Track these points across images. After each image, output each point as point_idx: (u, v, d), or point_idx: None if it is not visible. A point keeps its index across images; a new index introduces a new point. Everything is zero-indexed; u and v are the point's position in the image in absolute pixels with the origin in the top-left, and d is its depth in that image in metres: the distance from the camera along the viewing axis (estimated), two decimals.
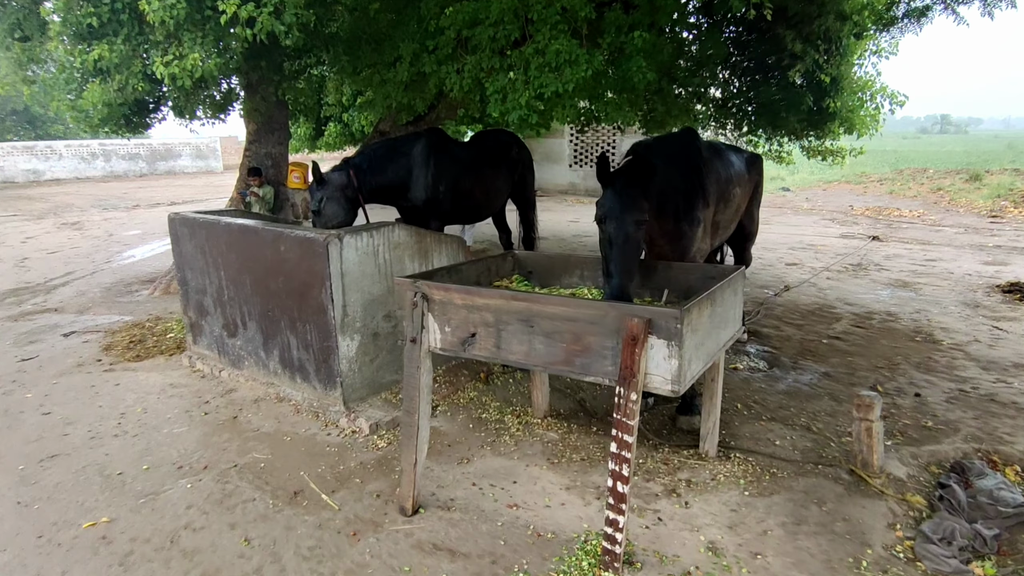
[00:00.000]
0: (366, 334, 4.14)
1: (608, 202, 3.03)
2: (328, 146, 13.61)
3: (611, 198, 3.02)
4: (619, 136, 16.17)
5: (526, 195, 6.91)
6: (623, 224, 2.99)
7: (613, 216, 3.00)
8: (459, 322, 2.78)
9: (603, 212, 3.05)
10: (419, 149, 5.58)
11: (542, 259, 3.75)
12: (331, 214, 5.10)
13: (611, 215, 3.00)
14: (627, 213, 2.99)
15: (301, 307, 4.09)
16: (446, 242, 4.67)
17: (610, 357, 2.40)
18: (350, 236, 3.93)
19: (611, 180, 3.06)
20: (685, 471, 3.34)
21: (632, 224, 3.00)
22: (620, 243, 2.97)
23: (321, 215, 5.08)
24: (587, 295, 3.43)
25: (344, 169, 5.19)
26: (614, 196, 3.01)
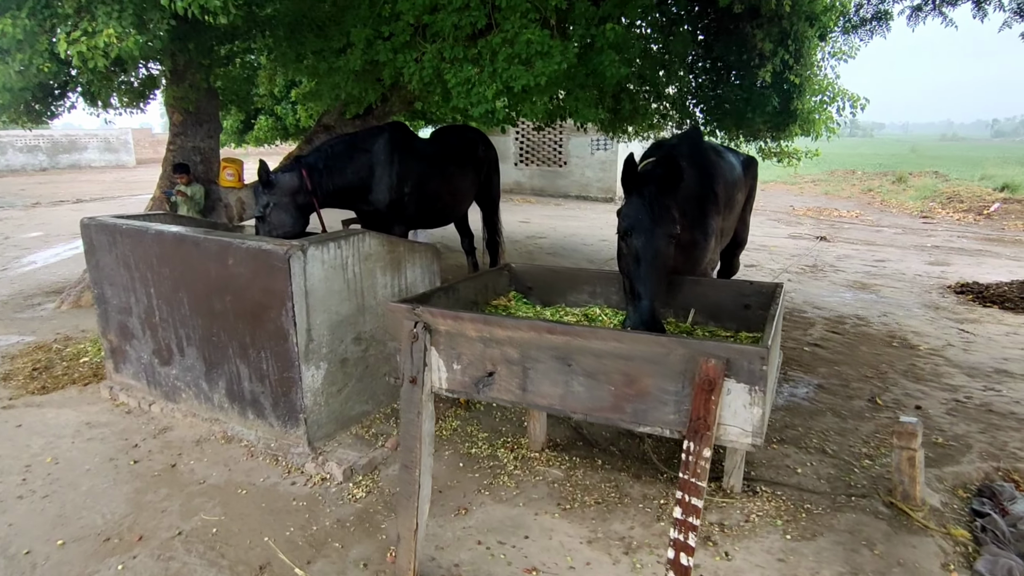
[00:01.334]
0: (333, 361, 3.55)
1: (635, 212, 2.61)
2: (258, 140, 12.59)
3: (639, 207, 2.61)
4: (566, 135, 15.91)
5: (492, 196, 6.44)
6: (653, 238, 2.58)
7: (642, 229, 2.58)
8: (473, 358, 2.28)
9: (629, 223, 2.63)
10: (381, 146, 5.00)
11: (543, 273, 3.29)
12: (279, 222, 4.45)
13: (640, 227, 2.59)
14: (659, 225, 2.59)
15: (255, 331, 3.45)
16: (420, 251, 4.12)
17: (672, 404, 1.98)
18: (315, 248, 3.33)
19: (638, 186, 2.65)
20: (714, 512, 2.98)
21: (664, 238, 2.60)
22: (649, 260, 2.56)
23: (267, 223, 4.41)
24: (601, 316, 3.00)
25: (295, 169, 4.55)
26: (643, 205, 2.60)
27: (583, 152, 15.72)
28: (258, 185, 4.42)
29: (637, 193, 2.63)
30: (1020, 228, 11.89)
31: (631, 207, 2.64)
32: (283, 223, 4.45)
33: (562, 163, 16.28)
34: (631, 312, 2.58)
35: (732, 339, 2.76)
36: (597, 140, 15.31)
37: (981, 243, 10.68)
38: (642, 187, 2.63)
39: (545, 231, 11.60)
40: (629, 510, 3.00)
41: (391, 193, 5.04)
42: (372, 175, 4.96)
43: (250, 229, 4.69)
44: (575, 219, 13.19)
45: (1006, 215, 12.50)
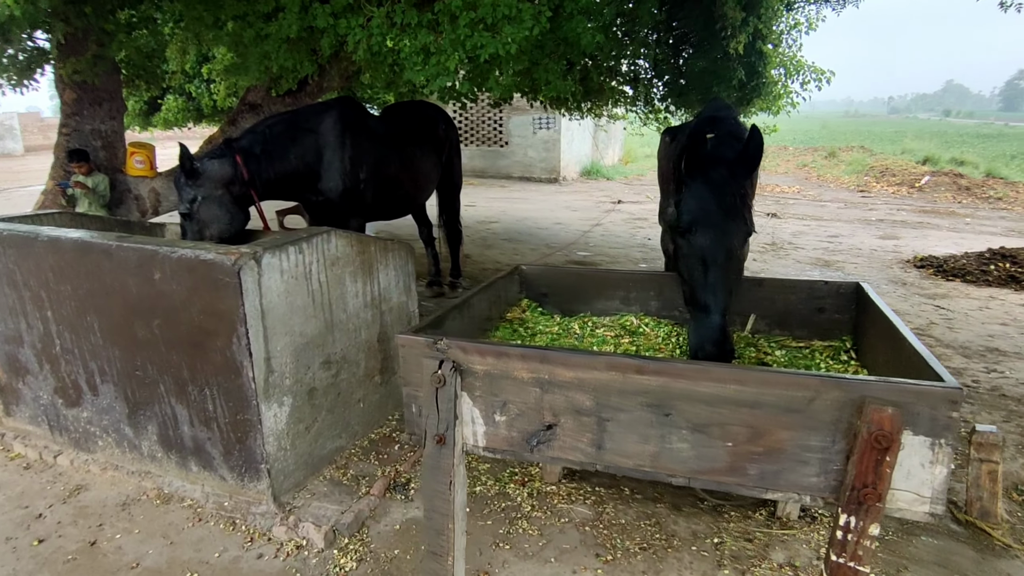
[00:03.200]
0: (299, 394, 2.85)
1: (702, 202, 2.08)
2: (166, 123, 11.21)
3: (707, 197, 2.07)
4: (506, 114, 15.25)
5: (454, 181, 5.76)
6: (726, 236, 2.06)
7: (712, 224, 2.06)
8: (524, 407, 1.69)
9: (693, 216, 2.09)
10: (330, 125, 4.22)
11: (562, 276, 2.72)
12: (212, 219, 3.62)
13: (709, 222, 2.06)
14: (733, 219, 2.07)
15: (196, 364, 2.69)
16: (393, 251, 3.44)
17: (816, 463, 1.47)
18: (272, 254, 2.60)
19: (704, 169, 2.11)
20: (778, 549, 2.55)
21: (740, 236, 2.10)
22: (722, 263, 2.05)
23: (197, 221, 3.57)
24: (642, 328, 2.47)
25: (227, 155, 3.71)
26: (712, 194, 2.07)
27: (525, 131, 15.13)
28: (180, 176, 3.57)
29: (703, 178, 2.10)
30: (950, 200, 12.40)
31: (695, 196, 2.10)
32: (217, 221, 3.62)
33: (503, 143, 15.63)
34: (695, 329, 2.06)
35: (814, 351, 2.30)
36: (539, 119, 14.74)
37: (920, 215, 11.00)
38: (709, 170, 2.10)
39: (495, 215, 10.99)
40: (683, 555, 2.52)
41: (344, 180, 4.29)
42: (320, 160, 4.18)
43: (174, 228, 3.83)
44: (523, 201, 12.64)
45: (936, 187, 13.01)
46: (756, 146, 2.07)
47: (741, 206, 2.08)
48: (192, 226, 3.60)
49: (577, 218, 10.81)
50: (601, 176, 16.02)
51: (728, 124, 2.38)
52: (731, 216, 2.05)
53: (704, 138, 2.14)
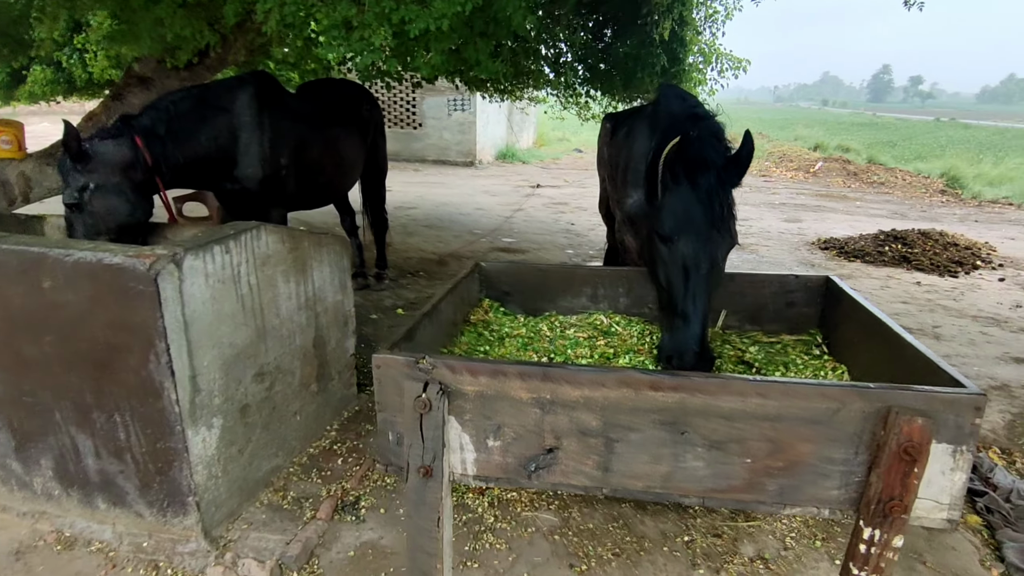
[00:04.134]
0: (231, 412, 2.50)
1: (687, 208, 1.97)
2: (31, 96, 9.86)
3: (694, 204, 1.97)
4: (420, 95, 14.72)
5: (379, 165, 5.40)
6: (710, 245, 1.97)
7: (696, 232, 1.96)
8: (521, 429, 1.51)
9: (676, 223, 1.98)
10: (245, 103, 3.77)
11: (524, 273, 2.54)
12: (107, 210, 3.09)
13: (693, 230, 1.96)
14: (719, 228, 1.98)
15: (102, 387, 2.28)
16: (327, 246, 3.12)
17: (838, 476, 1.41)
18: (195, 256, 2.23)
19: (690, 172, 2.00)
20: (747, 543, 2.55)
21: (725, 246, 2.02)
22: (704, 274, 1.96)
23: (89, 214, 3.04)
24: (614, 327, 2.35)
25: (124, 135, 3.20)
26: (700, 201, 1.96)
27: (439, 113, 14.69)
28: (66, 160, 3.03)
29: (690, 183, 1.98)
30: (841, 184, 13.39)
31: (679, 201, 1.99)
32: (114, 212, 3.11)
33: (416, 125, 15.10)
34: (671, 338, 1.97)
35: (785, 346, 2.28)
36: (454, 100, 14.36)
37: (817, 199, 11.78)
38: (697, 175, 1.99)
39: (412, 200, 10.59)
40: (656, 558, 2.46)
41: (264, 166, 3.85)
42: (236, 142, 3.72)
43: (56, 222, 3.26)
44: (440, 186, 12.29)
45: (828, 172, 14.00)
46: (748, 152, 1.98)
47: (728, 216, 1.99)
48: (82, 219, 3.07)
49: (497, 203, 10.65)
50: (517, 160, 15.93)
51: (711, 123, 2.27)
52: (717, 226, 1.96)
53: (693, 138, 2.02)
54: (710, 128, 2.25)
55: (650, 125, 2.84)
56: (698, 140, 2.07)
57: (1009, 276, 6.96)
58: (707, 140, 2.08)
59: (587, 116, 9.17)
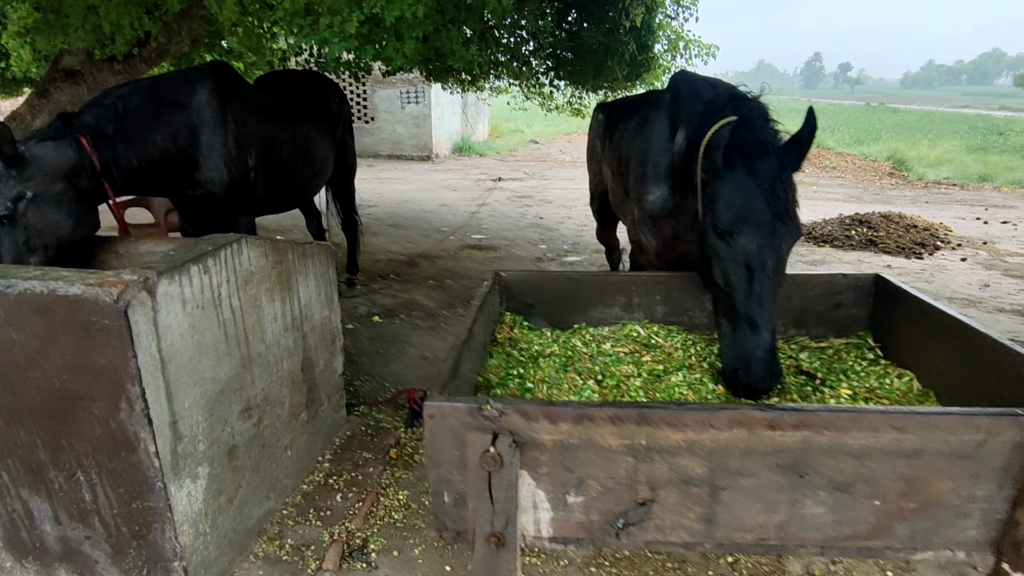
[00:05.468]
0: (217, 458, 2.16)
1: (748, 199, 1.76)
2: None
3: (753, 192, 1.76)
4: (371, 86, 14.15)
5: (348, 163, 5.02)
6: (777, 239, 1.77)
7: (760, 225, 1.75)
8: (610, 482, 1.27)
9: (737, 215, 1.77)
10: (205, 97, 3.35)
11: (550, 283, 2.28)
12: (46, 224, 2.64)
13: (756, 223, 1.75)
14: (785, 220, 1.77)
15: (59, 441, 1.90)
16: (312, 256, 2.78)
17: (978, 514, 1.23)
18: (169, 280, 1.88)
19: (749, 157, 1.78)
20: (791, 559, 2.39)
21: (791, 239, 1.82)
22: (771, 272, 1.76)
23: (23, 228, 2.59)
24: (654, 339, 2.13)
25: (66, 136, 2.76)
26: (761, 189, 1.75)
27: (392, 106, 14.17)
28: None
29: (747, 168, 1.77)
30: None
31: (738, 190, 1.77)
32: (55, 227, 2.66)
33: (369, 118, 14.53)
34: (735, 347, 1.76)
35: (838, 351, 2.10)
36: (407, 92, 13.87)
37: None
38: (754, 159, 1.77)
39: (371, 198, 10.14)
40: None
41: (230, 168, 3.44)
42: (197, 143, 3.30)
43: None
44: (398, 182, 11.84)
45: None
46: (811, 131, 1.78)
47: (792, 204, 1.79)
48: (13, 235, 2.60)
49: (460, 198, 10.32)
50: (474, 152, 15.58)
51: (757, 104, 2.06)
52: (782, 216, 1.75)
53: (752, 121, 1.81)
54: (758, 110, 2.05)
55: (670, 114, 2.62)
56: (750, 122, 1.86)
57: (969, 256, 7.15)
58: (758, 122, 1.87)
59: (550, 107, 8.95)
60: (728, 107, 2.05)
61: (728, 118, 1.99)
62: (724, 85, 2.38)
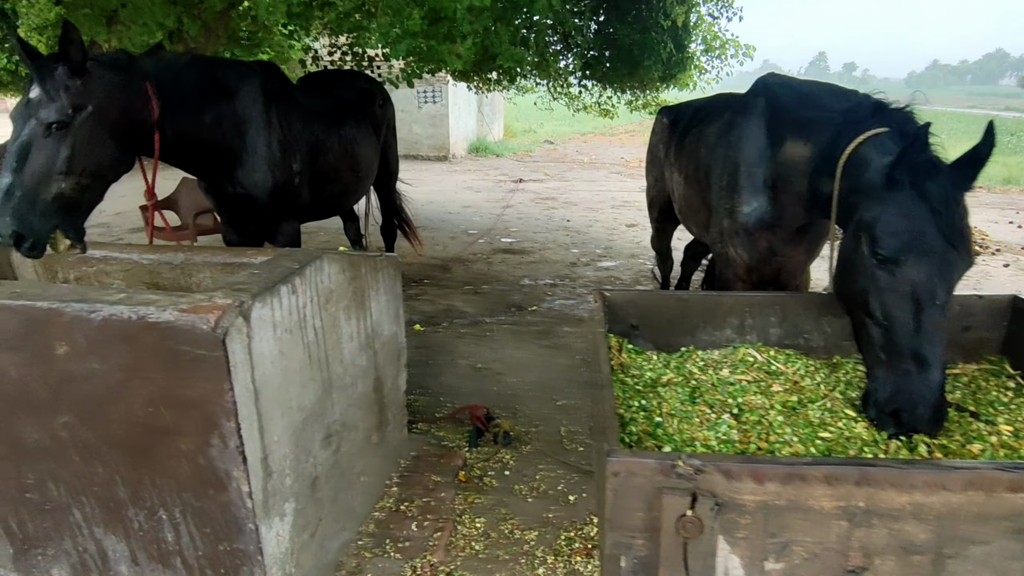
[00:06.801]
0: (302, 493, 2.00)
1: (917, 224, 1.59)
2: None
3: (923, 216, 1.59)
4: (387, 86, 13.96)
5: (390, 168, 4.86)
6: (949, 269, 1.60)
7: (932, 253, 1.58)
8: (817, 548, 1.11)
9: (904, 242, 1.60)
10: (252, 93, 3.17)
11: (657, 302, 2.12)
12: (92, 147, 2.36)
13: (927, 251, 1.58)
14: (959, 247, 1.60)
15: (141, 477, 1.75)
16: (382, 270, 2.62)
17: None
18: (262, 304, 1.72)
19: (919, 176, 1.62)
20: None
21: (963, 268, 1.64)
22: (942, 303, 1.59)
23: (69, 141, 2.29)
24: (774, 364, 1.97)
25: (134, 72, 2.57)
26: (931, 213, 1.59)
27: (408, 106, 13.96)
28: (56, 67, 2.29)
29: (915, 189, 1.60)
30: None
31: (905, 215, 1.60)
32: (100, 154, 2.38)
33: None
34: (897, 386, 1.59)
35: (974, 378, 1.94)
36: (425, 92, 13.70)
37: None
38: (924, 178, 1.61)
39: None
40: None
41: (275, 172, 3.27)
42: (240, 137, 3.10)
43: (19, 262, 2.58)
44: (419, 183, 11.63)
45: None
46: (989, 148, 1.61)
47: (966, 230, 1.62)
48: (60, 147, 2.28)
49: (483, 200, 10.17)
50: (490, 153, 15.40)
51: (906, 116, 1.88)
52: (955, 243, 1.58)
53: (923, 137, 1.63)
54: (913, 122, 1.87)
55: (767, 120, 2.45)
56: (913, 137, 1.69)
57: (1011, 262, 6.97)
58: (920, 137, 1.69)
59: (578, 107, 8.80)
60: (873, 118, 1.87)
61: (874, 130, 1.82)
62: (853, 93, 2.20)
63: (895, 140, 1.79)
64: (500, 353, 4.32)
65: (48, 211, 2.22)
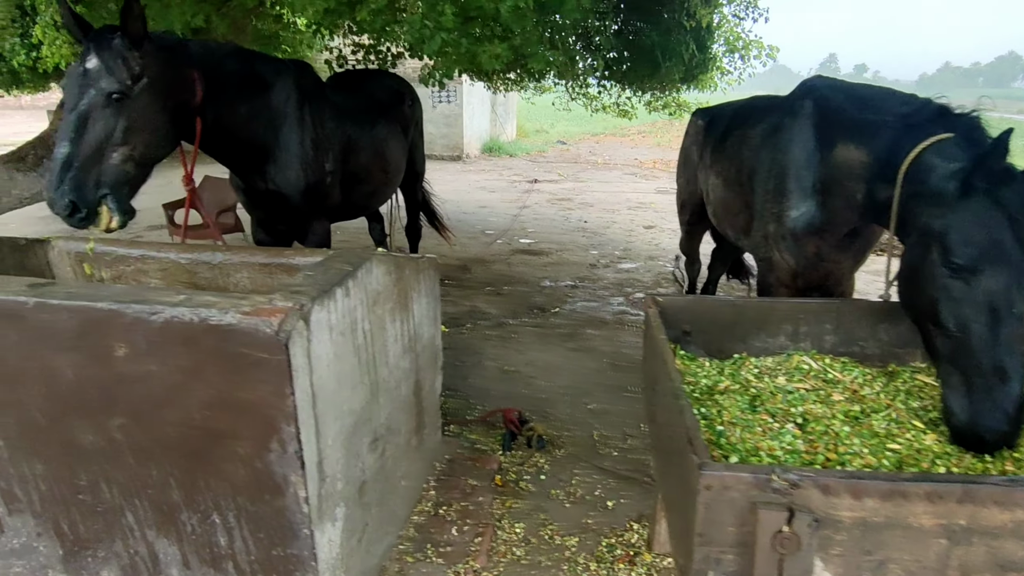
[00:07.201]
0: (351, 497, 1.98)
1: (995, 233, 1.56)
2: None
3: (1002, 225, 1.56)
4: None
5: (417, 169, 4.86)
6: None
7: (1010, 264, 1.55)
8: (914, 566, 1.09)
9: (980, 251, 1.57)
10: (286, 90, 3.16)
11: (710, 309, 2.09)
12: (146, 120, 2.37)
13: (1006, 262, 1.55)
14: None
15: (196, 480, 1.74)
16: (424, 271, 2.61)
17: None
18: (320, 307, 1.70)
19: (993, 183, 1.59)
20: None
21: None
22: (1021, 313, 1.56)
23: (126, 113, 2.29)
24: (830, 371, 1.94)
25: (183, 54, 2.57)
26: (1011, 224, 1.55)
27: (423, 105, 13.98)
28: (113, 38, 2.27)
29: (990, 197, 1.57)
30: None
31: (981, 223, 1.57)
32: (153, 128, 2.39)
33: None
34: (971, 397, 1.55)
35: None
36: (439, 92, 13.66)
37: None
38: (997, 186, 1.57)
39: None
40: None
41: (307, 172, 3.26)
42: (276, 134, 3.08)
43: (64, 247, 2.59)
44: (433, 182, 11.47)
45: None
46: None
47: None
48: (117, 119, 2.27)
49: (499, 200, 10.15)
50: (503, 153, 15.38)
51: (973, 122, 1.84)
52: None
53: (1005, 144, 1.60)
54: (980, 127, 1.83)
55: (815, 123, 2.42)
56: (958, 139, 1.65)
57: None
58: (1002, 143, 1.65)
59: (596, 107, 8.75)
60: (936, 123, 1.84)
61: (939, 135, 1.78)
62: (912, 97, 2.15)
63: (961, 146, 1.76)
64: (527, 355, 4.29)
65: (103, 183, 2.24)
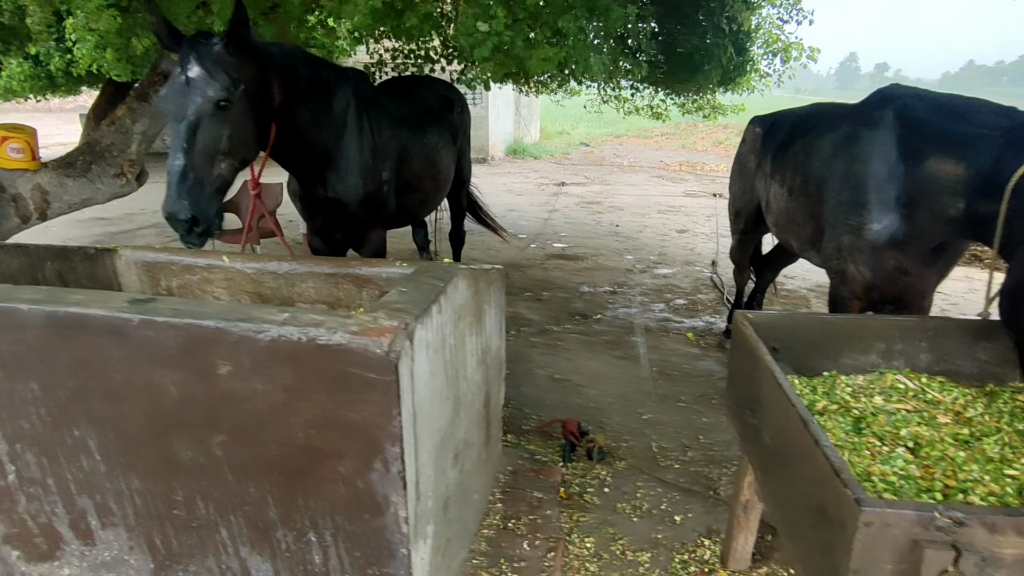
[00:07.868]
0: (438, 514, 1.98)
1: None
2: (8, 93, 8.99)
3: None
4: None
5: (463, 176, 4.87)
6: None
7: None
8: None
9: None
10: (347, 97, 3.17)
11: (799, 325, 2.06)
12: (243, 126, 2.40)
13: None
14: None
15: (295, 499, 1.74)
16: (494, 282, 2.59)
17: None
18: (422, 325, 1.70)
19: None
20: None
21: None
22: None
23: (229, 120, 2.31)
24: (928, 392, 1.89)
25: (264, 56, 2.58)
26: None
27: None
28: (220, 44, 2.31)
29: None
30: None
31: None
32: (247, 135, 2.42)
33: None
34: None
35: None
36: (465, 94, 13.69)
37: None
38: None
39: None
40: None
41: (367, 180, 3.27)
42: (337, 141, 3.09)
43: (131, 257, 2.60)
44: None
45: None
46: None
47: None
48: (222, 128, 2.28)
49: (527, 203, 10.13)
50: (528, 155, 15.36)
51: None
52: None
53: None
54: None
55: (898, 134, 2.37)
56: None
57: None
58: None
59: (628, 110, 8.71)
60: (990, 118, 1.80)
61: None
62: (997, 106, 2.11)
63: None
64: (575, 363, 4.27)
65: (214, 193, 2.25)
